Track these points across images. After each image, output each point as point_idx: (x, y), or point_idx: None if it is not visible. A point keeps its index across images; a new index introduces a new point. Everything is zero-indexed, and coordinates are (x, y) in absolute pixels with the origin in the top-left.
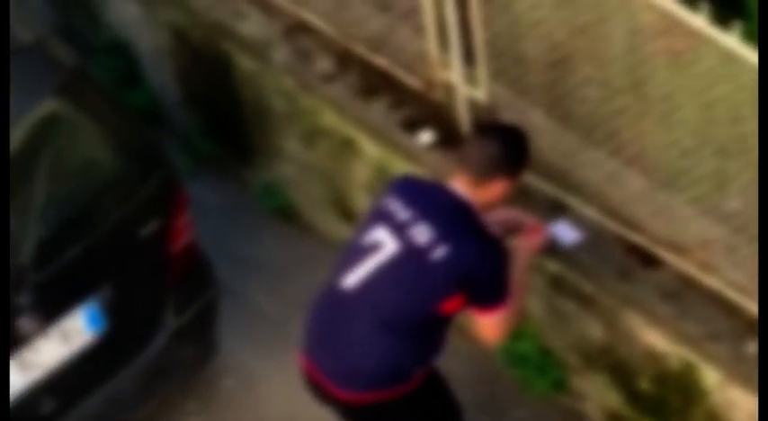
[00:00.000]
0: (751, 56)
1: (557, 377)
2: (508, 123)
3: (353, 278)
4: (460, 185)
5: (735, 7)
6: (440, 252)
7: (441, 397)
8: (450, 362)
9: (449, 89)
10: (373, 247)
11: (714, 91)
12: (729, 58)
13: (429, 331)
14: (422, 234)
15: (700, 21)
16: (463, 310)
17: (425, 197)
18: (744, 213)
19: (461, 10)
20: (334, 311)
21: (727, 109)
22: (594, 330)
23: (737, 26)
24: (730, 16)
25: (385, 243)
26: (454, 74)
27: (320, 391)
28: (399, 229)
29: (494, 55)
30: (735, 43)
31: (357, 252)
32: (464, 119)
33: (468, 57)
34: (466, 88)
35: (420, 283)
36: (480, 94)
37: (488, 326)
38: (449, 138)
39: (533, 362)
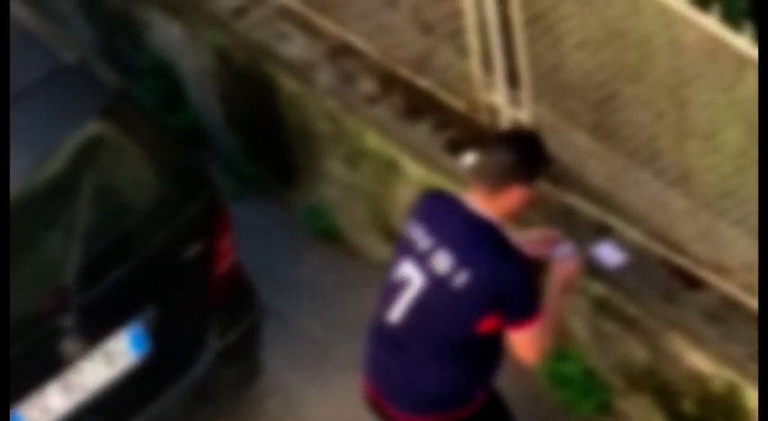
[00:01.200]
0: None
1: (601, 399)
2: (522, 129)
3: (396, 313)
4: (477, 200)
5: None
6: (461, 278)
7: (502, 418)
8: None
9: (493, 111)
10: (404, 283)
11: (755, 112)
12: None
13: (478, 352)
14: (442, 262)
15: (743, 41)
16: (502, 328)
17: (444, 221)
18: None
19: (505, 32)
20: (386, 342)
21: None
22: (638, 352)
23: None
24: None
25: (412, 278)
26: (498, 96)
27: (382, 415)
28: (422, 260)
29: (537, 77)
30: None
31: (392, 288)
32: None
33: (512, 79)
34: (510, 110)
35: (451, 310)
36: (524, 115)
37: (522, 342)
38: None
39: (577, 383)
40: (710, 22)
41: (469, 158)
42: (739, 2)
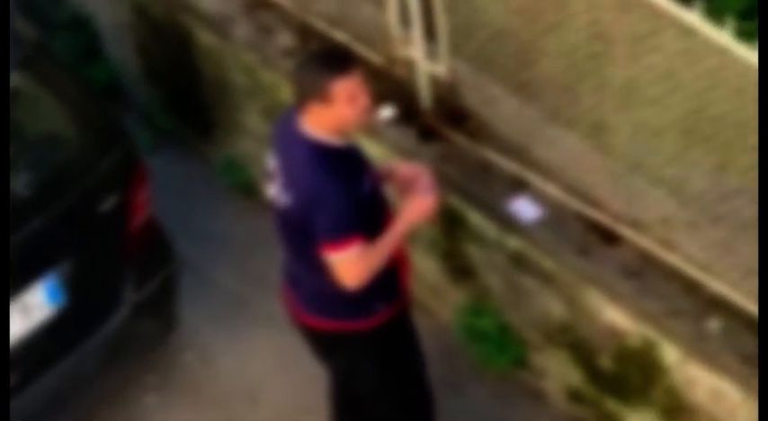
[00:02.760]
0: (713, 34)
1: (517, 354)
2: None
3: (278, 231)
4: (312, 122)
5: None
6: (287, 198)
7: (405, 343)
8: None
9: (409, 65)
10: (273, 203)
11: (673, 69)
12: (692, 36)
13: None
14: (279, 183)
15: None
16: None
17: (284, 144)
18: (706, 193)
19: None
20: (286, 250)
21: (686, 85)
22: (555, 307)
23: (699, 4)
24: None
25: (275, 198)
26: (415, 49)
27: (294, 319)
28: (274, 181)
29: (455, 30)
30: (697, 21)
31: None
32: (425, 94)
33: (430, 32)
34: (426, 64)
35: (298, 226)
36: (441, 69)
37: (340, 265)
38: (410, 114)
39: (493, 338)
40: None
41: (386, 112)
42: None
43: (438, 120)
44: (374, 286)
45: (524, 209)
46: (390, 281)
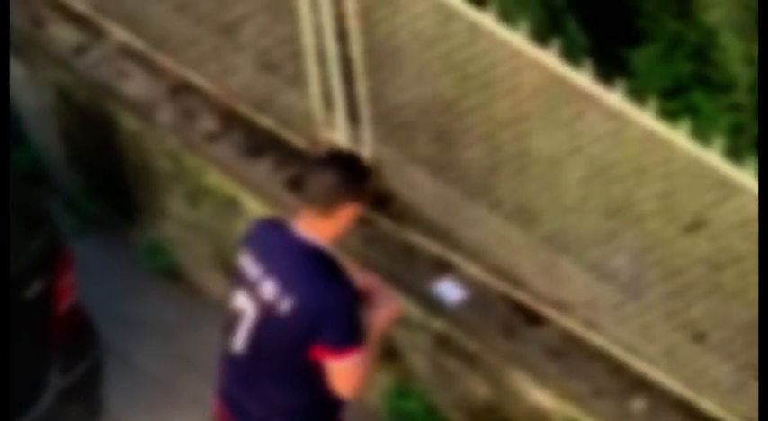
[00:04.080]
0: (635, 114)
1: None
2: (339, 150)
3: (239, 341)
4: (307, 226)
5: (619, 66)
6: (286, 304)
7: None
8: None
9: (333, 148)
10: (239, 314)
11: (596, 149)
12: (613, 116)
13: (320, 380)
14: (269, 289)
15: (583, 79)
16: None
17: (271, 248)
18: (628, 271)
19: (346, 70)
20: (234, 373)
21: (610, 167)
22: (480, 388)
23: (621, 84)
24: (614, 74)
25: (245, 309)
26: (339, 133)
27: None
28: (252, 289)
29: (379, 114)
30: (618, 102)
31: (232, 318)
32: None
33: (353, 116)
34: (350, 147)
35: (283, 337)
36: (365, 152)
37: (338, 372)
38: None
39: (420, 420)
40: (550, 59)
41: None
42: (579, 38)
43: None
44: (322, 405)
45: (449, 290)
46: (335, 399)
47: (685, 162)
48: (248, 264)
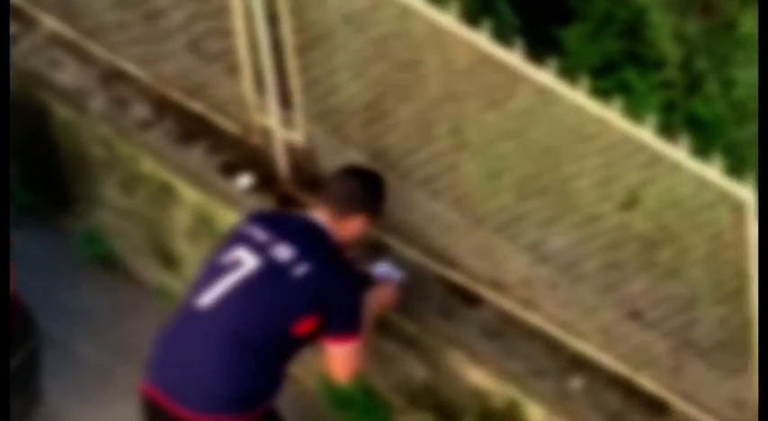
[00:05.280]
0: (567, 92)
1: (382, 418)
2: (369, 168)
3: (210, 296)
4: (320, 216)
5: (550, 45)
6: (302, 268)
7: None
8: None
9: (266, 133)
10: (233, 265)
11: (529, 128)
12: (545, 95)
13: (280, 356)
14: (284, 251)
15: (514, 58)
16: (317, 337)
17: (284, 222)
18: (564, 250)
19: (277, 54)
20: (187, 332)
21: (544, 146)
22: (418, 370)
23: (552, 63)
24: (545, 53)
25: (245, 260)
26: (271, 118)
27: (164, 418)
28: (260, 248)
29: (311, 98)
30: (550, 80)
31: (215, 271)
32: (282, 162)
33: (285, 100)
34: (283, 132)
35: (279, 298)
36: (297, 136)
37: (340, 357)
38: (267, 182)
39: (358, 403)
40: (481, 39)
41: (244, 180)
42: (510, 18)
43: (296, 187)
44: (263, 384)
45: (386, 273)
46: (276, 382)
47: (618, 139)
48: (255, 231)
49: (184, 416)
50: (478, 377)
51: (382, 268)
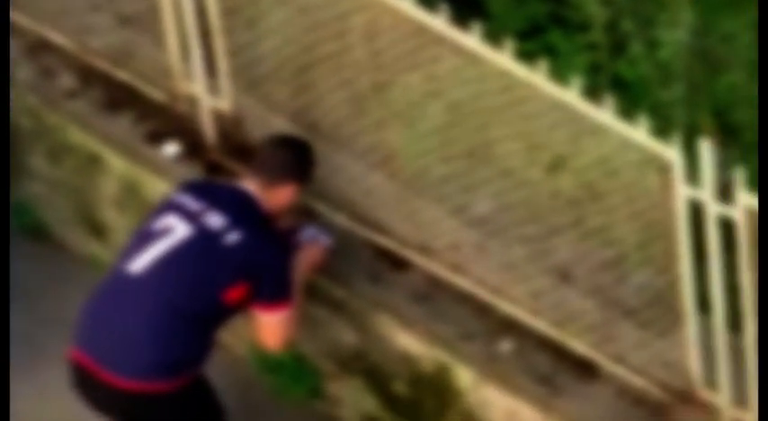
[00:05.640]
0: (492, 56)
1: (312, 383)
2: (298, 137)
3: (141, 262)
4: (250, 185)
5: (475, 8)
6: (233, 237)
7: (208, 403)
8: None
9: (192, 101)
10: (164, 232)
11: (456, 93)
12: (470, 59)
13: (210, 323)
14: (215, 220)
15: (439, 23)
16: (247, 305)
17: (215, 191)
18: (491, 212)
19: (202, 21)
20: (116, 298)
21: (470, 110)
22: (347, 335)
23: (477, 27)
24: (470, 17)
25: (176, 227)
26: (197, 85)
27: (92, 383)
28: (192, 216)
29: (237, 65)
30: (475, 44)
31: (145, 237)
32: (209, 129)
33: (211, 68)
34: (209, 99)
35: (209, 265)
36: (224, 104)
37: (271, 326)
38: (194, 150)
39: (288, 368)
40: (406, 4)
41: (171, 149)
42: None
43: (223, 155)
44: (190, 352)
45: (313, 238)
46: (203, 350)
47: (544, 102)
48: (187, 199)
49: (112, 380)
50: (408, 341)
51: (310, 232)
